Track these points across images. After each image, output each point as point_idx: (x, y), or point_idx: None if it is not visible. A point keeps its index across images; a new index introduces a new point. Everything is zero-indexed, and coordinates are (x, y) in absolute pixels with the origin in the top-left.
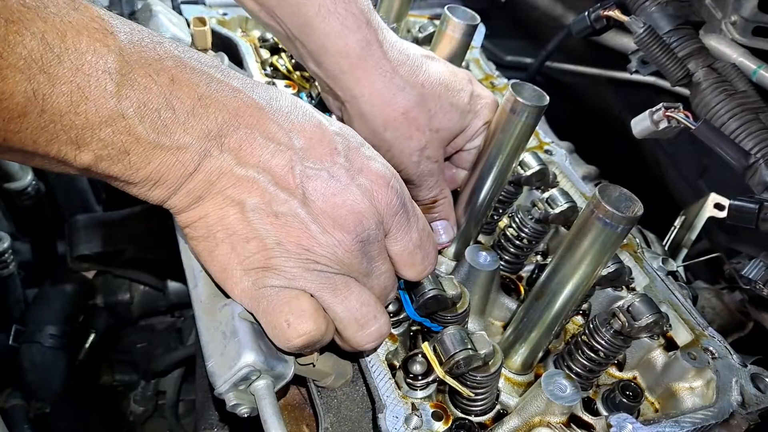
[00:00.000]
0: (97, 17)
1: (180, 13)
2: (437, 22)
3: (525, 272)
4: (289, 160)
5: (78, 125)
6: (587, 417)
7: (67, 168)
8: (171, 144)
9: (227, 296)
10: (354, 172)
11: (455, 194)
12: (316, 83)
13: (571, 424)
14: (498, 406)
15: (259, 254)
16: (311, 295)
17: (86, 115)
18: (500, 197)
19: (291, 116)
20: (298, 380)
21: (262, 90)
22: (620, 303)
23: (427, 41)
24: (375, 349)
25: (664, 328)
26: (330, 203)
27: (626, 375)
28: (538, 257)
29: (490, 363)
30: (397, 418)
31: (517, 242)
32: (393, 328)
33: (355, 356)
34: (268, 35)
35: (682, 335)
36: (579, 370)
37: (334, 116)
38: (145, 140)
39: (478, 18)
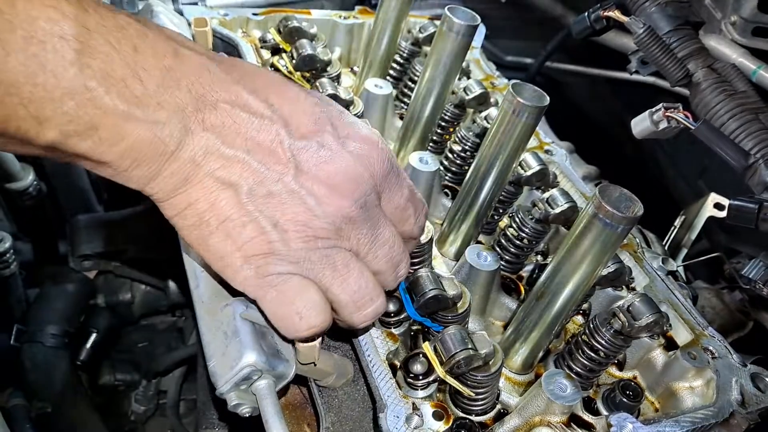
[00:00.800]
0: None
1: (182, 14)
2: (437, 22)
3: (525, 272)
4: (276, 134)
5: (37, 98)
6: (587, 416)
7: (31, 148)
8: (145, 118)
9: (231, 290)
10: (342, 138)
11: (455, 194)
12: (316, 84)
13: (572, 424)
14: (498, 406)
15: (258, 239)
16: (314, 283)
17: (45, 87)
18: (500, 197)
19: (268, 88)
20: (299, 380)
21: (230, 62)
22: (620, 303)
23: (427, 41)
24: (369, 328)
25: (664, 328)
26: (324, 172)
27: (626, 374)
28: (539, 257)
29: (490, 363)
30: (397, 417)
31: (518, 242)
32: (394, 328)
33: (349, 333)
34: (269, 36)
35: (682, 335)
36: (579, 370)
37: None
38: (114, 112)
39: (479, 18)
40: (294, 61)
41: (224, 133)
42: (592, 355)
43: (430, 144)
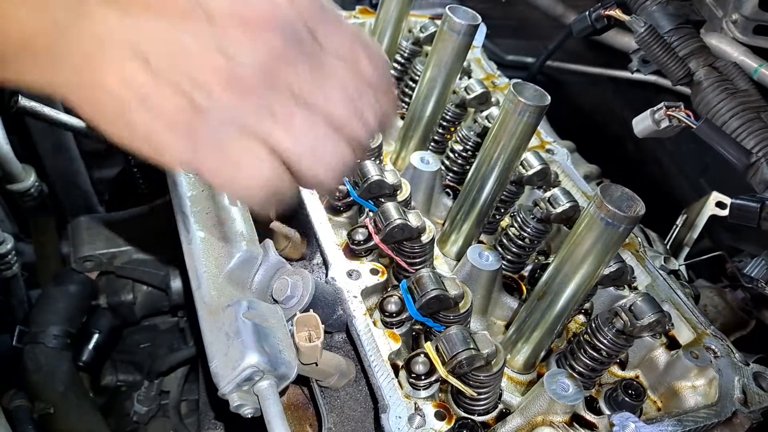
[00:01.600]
0: None
1: None
2: (438, 21)
3: (527, 272)
4: None
5: None
6: (590, 416)
7: None
8: (31, 4)
9: (236, 290)
10: None
11: (457, 194)
12: None
13: (574, 423)
14: (501, 406)
15: (180, 103)
16: (254, 136)
17: None
18: (502, 197)
19: None
20: (301, 380)
21: None
22: (622, 302)
23: (428, 41)
24: (339, 180)
25: (666, 327)
26: (236, 7)
27: (628, 374)
28: (540, 257)
29: (492, 362)
30: (399, 417)
31: (519, 242)
32: (395, 328)
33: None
34: None
35: (684, 334)
36: (581, 369)
37: None
38: None
39: (479, 18)
40: None
41: (124, 3)
42: (594, 354)
43: (432, 144)
